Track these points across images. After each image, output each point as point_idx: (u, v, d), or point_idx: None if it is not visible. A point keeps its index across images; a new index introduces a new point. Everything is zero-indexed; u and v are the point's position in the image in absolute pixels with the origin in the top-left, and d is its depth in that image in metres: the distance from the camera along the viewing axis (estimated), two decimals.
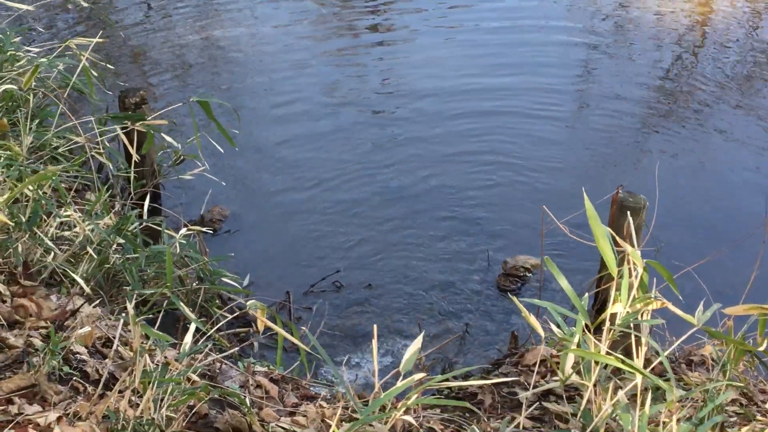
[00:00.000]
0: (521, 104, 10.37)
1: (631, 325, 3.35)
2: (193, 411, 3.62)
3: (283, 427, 3.86)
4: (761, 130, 9.92)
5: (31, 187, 4.96)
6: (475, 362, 6.22)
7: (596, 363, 3.33)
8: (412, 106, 10.30)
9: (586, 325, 3.39)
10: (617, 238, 3.41)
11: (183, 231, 5.61)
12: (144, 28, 12.54)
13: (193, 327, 3.69)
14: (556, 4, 13.78)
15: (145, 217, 5.81)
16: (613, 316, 3.34)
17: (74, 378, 3.72)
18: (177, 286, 5.34)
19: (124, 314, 4.59)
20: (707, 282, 5.01)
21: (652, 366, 3.64)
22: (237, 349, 4.97)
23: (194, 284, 5.53)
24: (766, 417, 4.08)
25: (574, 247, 4.87)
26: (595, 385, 3.37)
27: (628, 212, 5.21)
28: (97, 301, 4.75)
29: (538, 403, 4.26)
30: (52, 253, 4.89)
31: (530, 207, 8.16)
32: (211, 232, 7.40)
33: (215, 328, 4.69)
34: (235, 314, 5.62)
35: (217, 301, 6.00)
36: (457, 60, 11.61)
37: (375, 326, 3.25)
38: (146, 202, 5.88)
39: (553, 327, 3.60)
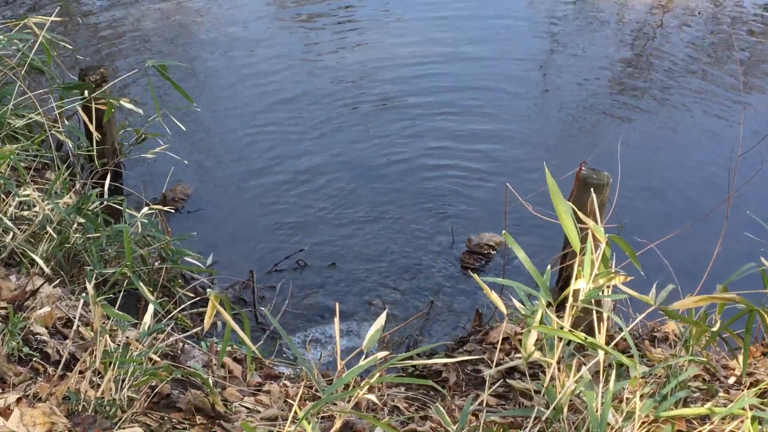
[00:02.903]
0: (485, 82, 10.37)
1: (594, 301, 3.34)
2: (155, 391, 3.59)
3: (246, 407, 3.84)
4: (724, 105, 9.98)
5: None
6: (440, 340, 6.23)
7: (559, 340, 3.33)
8: (375, 85, 10.26)
9: (550, 303, 3.38)
10: (580, 214, 3.39)
11: (144, 210, 5.56)
12: (104, 6, 12.39)
13: (151, 308, 3.65)
14: None
15: (106, 196, 5.75)
16: (576, 292, 3.33)
17: (34, 359, 3.67)
18: (139, 265, 5.29)
19: (84, 294, 4.54)
20: (671, 257, 5.04)
21: (615, 342, 3.64)
22: (200, 328, 4.94)
23: (156, 264, 5.48)
24: (729, 393, 4.11)
25: (540, 225, 4.86)
26: (558, 362, 3.37)
27: (592, 189, 5.20)
28: (58, 281, 4.69)
29: (502, 380, 4.26)
30: (11, 233, 4.83)
31: (495, 184, 8.17)
32: (173, 211, 7.33)
33: (180, 308, 4.65)
34: (200, 297, 5.58)
35: (180, 281, 5.95)
36: (421, 41, 11.55)
37: (337, 304, 3.23)
38: (107, 181, 5.81)
39: (517, 304, 3.59)
